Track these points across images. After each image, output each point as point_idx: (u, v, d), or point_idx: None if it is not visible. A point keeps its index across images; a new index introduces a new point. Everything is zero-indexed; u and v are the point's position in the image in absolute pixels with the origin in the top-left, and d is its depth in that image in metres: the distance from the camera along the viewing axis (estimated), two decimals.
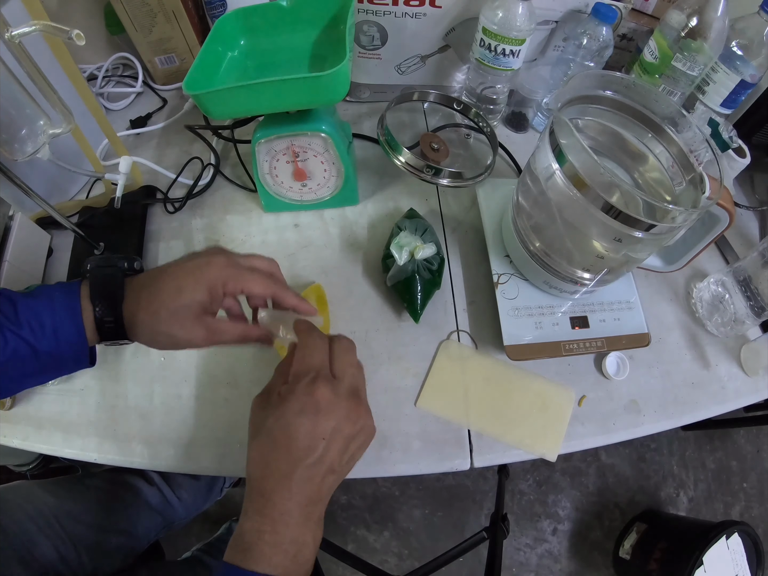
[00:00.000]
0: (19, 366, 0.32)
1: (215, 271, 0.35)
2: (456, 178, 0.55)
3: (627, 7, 0.65)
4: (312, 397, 0.31)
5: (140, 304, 0.34)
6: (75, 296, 0.34)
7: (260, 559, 0.29)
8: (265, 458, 0.31)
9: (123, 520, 0.62)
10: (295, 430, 0.30)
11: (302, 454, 0.30)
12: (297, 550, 0.30)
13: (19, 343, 0.31)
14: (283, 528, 0.29)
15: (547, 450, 0.48)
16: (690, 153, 0.42)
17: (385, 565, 1.10)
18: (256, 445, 0.31)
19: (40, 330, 0.32)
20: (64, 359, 0.34)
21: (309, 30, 0.54)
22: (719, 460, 1.25)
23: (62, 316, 0.32)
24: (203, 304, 0.34)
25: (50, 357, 0.33)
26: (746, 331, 0.54)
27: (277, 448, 0.30)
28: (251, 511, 0.30)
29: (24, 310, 0.32)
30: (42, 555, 0.50)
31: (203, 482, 0.84)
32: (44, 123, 0.43)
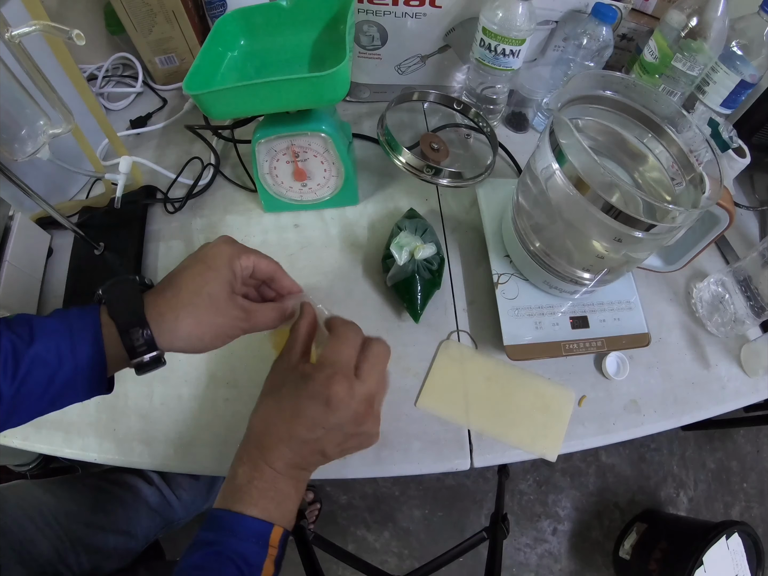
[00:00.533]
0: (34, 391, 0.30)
1: (227, 248, 0.35)
2: (456, 178, 0.55)
3: (627, 7, 0.65)
4: (327, 390, 0.32)
5: (168, 303, 0.32)
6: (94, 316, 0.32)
7: (249, 502, 0.31)
8: (270, 417, 0.33)
9: (122, 519, 0.62)
10: (302, 410, 0.32)
11: (301, 431, 0.32)
12: (281, 499, 0.33)
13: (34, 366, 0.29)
14: (271, 477, 0.32)
15: (548, 450, 0.48)
16: (690, 153, 0.42)
17: (385, 565, 1.10)
18: (266, 403, 0.34)
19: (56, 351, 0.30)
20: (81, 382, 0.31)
21: (309, 30, 0.54)
22: (719, 460, 1.25)
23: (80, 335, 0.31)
24: (231, 283, 0.34)
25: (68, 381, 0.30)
26: (746, 331, 0.54)
27: (281, 414, 0.33)
28: (245, 459, 0.33)
29: (40, 331, 0.30)
30: (40, 554, 0.50)
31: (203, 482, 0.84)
32: (44, 123, 0.43)
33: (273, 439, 0.33)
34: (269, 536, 0.31)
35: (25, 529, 0.51)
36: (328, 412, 0.32)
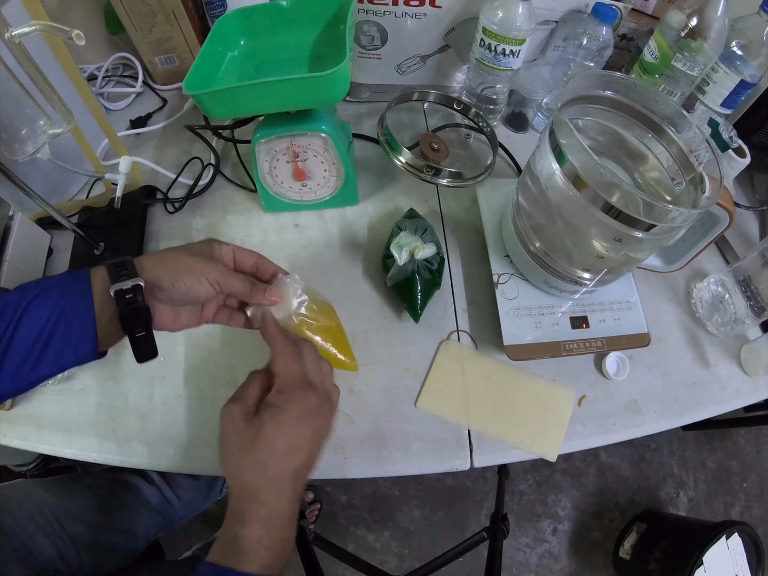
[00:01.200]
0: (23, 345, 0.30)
1: (206, 241, 0.38)
2: (456, 178, 0.55)
3: (627, 7, 0.65)
4: (307, 405, 0.33)
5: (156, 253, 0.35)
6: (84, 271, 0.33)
7: (256, 561, 0.30)
8: (264, 467, 0.32)
9: (122, 519, 0.62)
10: (295, 436, 0.32)
11: (301, 458, 0.32)
12: (284, 549, 0.32)
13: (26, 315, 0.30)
14: (279, 531, 0.32)
15: (547, 450, 0.48)
16: (690, 153, 0.42)
17: (385, 565, 1.10)
18: (253, 456, 0.32)
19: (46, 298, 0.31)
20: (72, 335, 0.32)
21: (309, 30, 0.54)
22: (719, 460, 1.25)
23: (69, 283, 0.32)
24: (210, 254, 0.37)
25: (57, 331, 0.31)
26: (746, 331, 0.54)
27: (275, 455, 0.32)
28: (250, 519, 0.31)
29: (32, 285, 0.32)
30: (41, 553, 0.50)
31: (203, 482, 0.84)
32: (44, 123, 0.43)
33: (275, 486, 0.32)
34: None
35: (25, 528, 0.51)
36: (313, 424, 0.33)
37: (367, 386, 0.50)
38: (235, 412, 0.34)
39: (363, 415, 0.48)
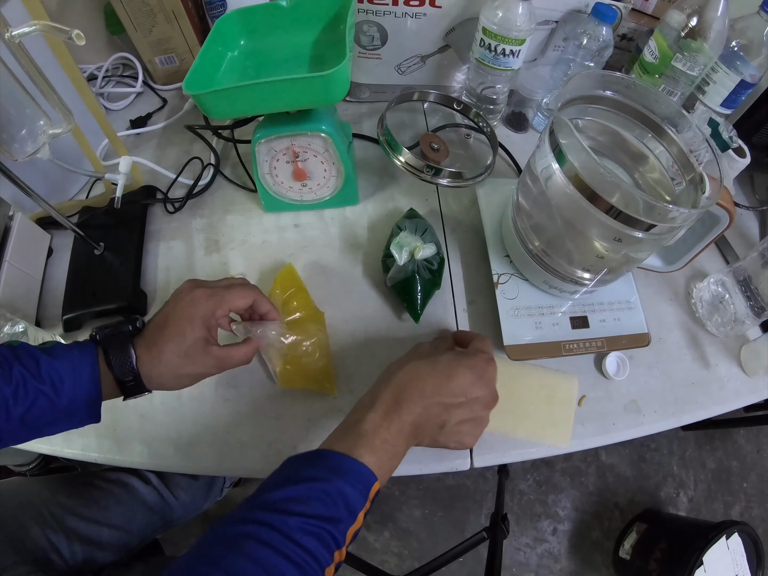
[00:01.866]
0: (36, 417, 0.34)
1: (202, 306, 0.39)
2: (456, 178, 0.55)
3: (627, 7, 0.65)
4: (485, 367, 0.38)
5: (153, 360, 0.37)
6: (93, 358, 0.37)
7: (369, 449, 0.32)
8: (421, 373, 0.37)
9: (116, 515, 0.62)
10: (457, 375, 0.37)
11: (446, 392, 0.36)
12: (393, 455, 0.34)
13: (40, 396, 0.33)
14: (397, 431, 0.34)
15: (559, 439, 0.48)
16: (690, 153, 0.42)
17: (385, 565, 1.10)
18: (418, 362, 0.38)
19: (61, 386, 0.34)
20: (78, 413, 0.36)
21: (309, 30, 0.54)
22: (719, 460, 1.25)
23: (80, 376, 0.35)
24: (205, 338, 0.39)
25: (65, 411, 0.35)
26: (746, 331, 0.54)
27: (433, 374, 0.37)
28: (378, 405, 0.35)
29: (46, 367, 0.34)
30: (32, 542, 0.51)
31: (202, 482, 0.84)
32: (44, 123, 0.43)
33: (415, 393, 0.35)
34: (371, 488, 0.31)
35: (17, 517, 0.52)
36: (478, 383, 0.37)
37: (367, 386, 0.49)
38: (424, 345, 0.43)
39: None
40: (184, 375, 0.39)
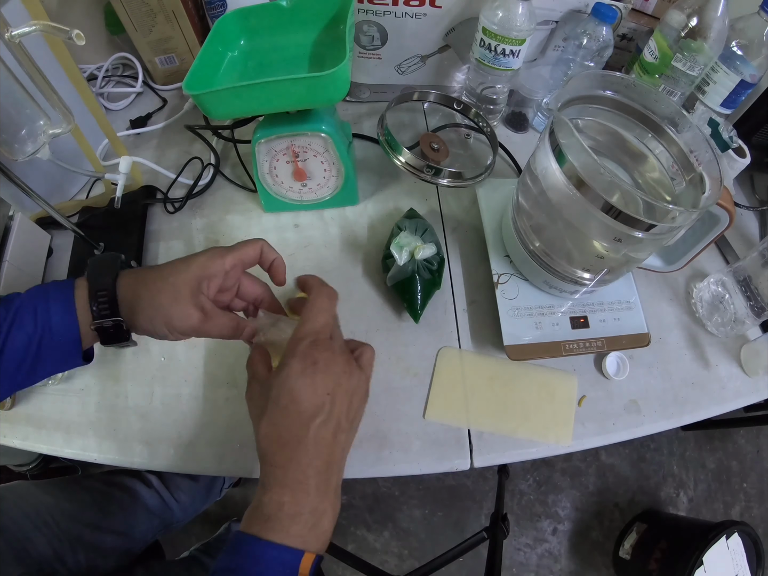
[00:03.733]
0: (15, 357, 0.32)
1: (209, 252, 0.36)
2: (456, 178, 0.55)
3: (627, 7, 0.65)
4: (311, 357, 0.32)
5: (138, 279, 0.34)
6: (69, 284, 0.34)
7: (279, 530, 0.29)
8: (277, 429, 0.31)
9: (119, 521, 0.62)
10: (300, 389, 0.31)
11: (311, 414, 0.31)
12: (316, 520, 0.30)
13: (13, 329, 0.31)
14: (303, 497, 0.30)
15: (560, 437, 0.48)
16: (690, 153, 0.42)
17: (385, 565, 1.10)
18: (265, 421, 0.31)
19: (32, 313, 0.32)
20: (57, 347, 0.33)
21: (309, 30, 0.54)
22: (719, 460, 1.25)
23: (54, 296, 0.33)
24: (199, 280, 0.35)
25: (42, 346, 0.33)
26: (746, 331, 0.54)
27: (286, 414, 0.31)
28: (269, 484, 0.30)
29: (18, 302, 0.33)
30: (37, 552, 0.51)
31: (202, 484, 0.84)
32: (44, 123, 0.43)
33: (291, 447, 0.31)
34: (299, 565, 0.29)
35: (22, 527, 0.51)
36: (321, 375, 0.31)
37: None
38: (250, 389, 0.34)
39: (363, 415, 0.48)
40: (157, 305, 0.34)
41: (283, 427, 0.31)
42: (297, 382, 0.31)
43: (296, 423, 0.31)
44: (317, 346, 0.32)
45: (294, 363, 0.31)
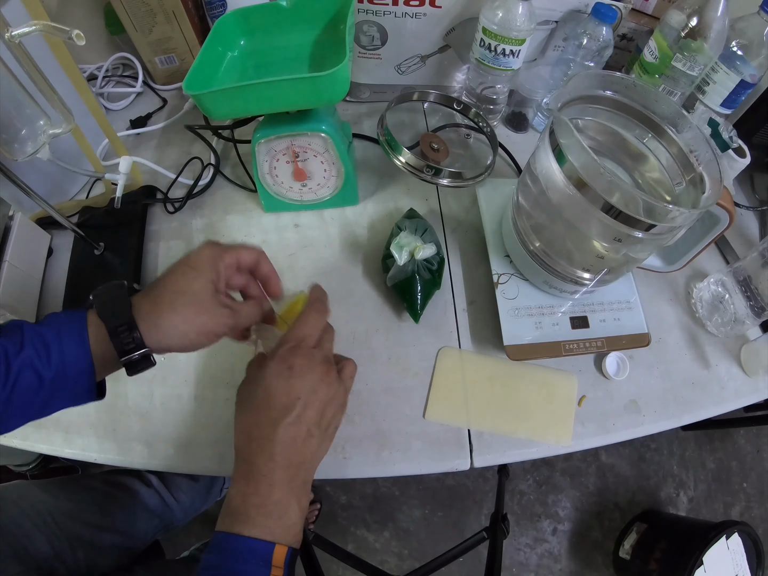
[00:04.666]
0: (24, 396, 0.30)
1: (209, 250, 0.36)
2: (456, 178, 0.55)
3: (627, 7, 0.65)
4: (288, 361, 0.33)
5: (153, 302, 0.33)
6: (81, 317, 0.32)
7: (246, 522, 0.30)
8: (248, 424, 0.33)
9: (119, 520, 0.62)
10: (273, 389, 0.33)
11: (280, 413, 0.32)
12: (281, 512, 0.31)
13: (24, 370, 0.29)
14: (267, 489, 0.31)
15: (560, 437, 0.48)
16: (690, 153, 0.42)
17: (385, 565, 1.10)
18: (240, 414, 0.34)
19: (45, 353, 0.30)
20: (70, 385, 0.32)
21: (309, 30, 0.54)
22: (719, 460, 1.25)
23: (67, 335, 0.31)
24: (214, 282, 0.35)
25: (56, 385, 0.31)
26: (746, 331, 0.54)
27: (257, 411, 0.33)
28: (237, 478, 0.32)
29: (29, 335, 0.31)
30: (37, 550, 0.51)
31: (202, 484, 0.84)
32: (44, 123, 0.43)
33: (257, 443, 0.32)
34: (271, 556, 0.30)
35: (21, 525, 0.51)
36: (296, 379, 0.33)
37: (367, 386, 0.50)
38: (239, 387, 0.36)
39: (363, 415, 0.48)
40: (189, 321, 0.33)
41: (253, 423, 0.33)
42: (271, 382, 0.33)
43: (265, 420, 0.32)
44: (296, 352, 0.34)
45: (272, 364, 0.33)
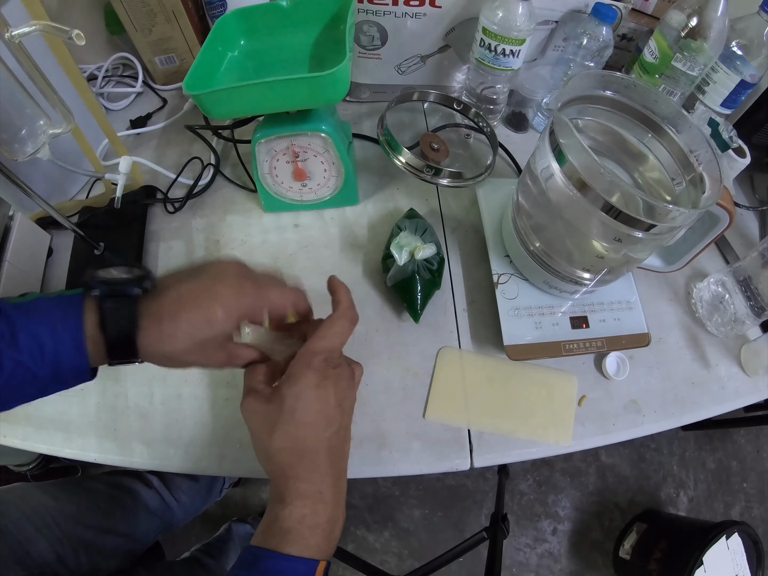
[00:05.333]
0: (17, 388, 0.30)
1: (245, 301, 0.33)
2: (456, 178, 0.55)
3: (627, 7, 0.65)
4: (325, 371, 0.32)
5: (162, 337, 0.31)
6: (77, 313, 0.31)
7: (299, 542, 0.29)
8: (294, 441, 0.31)
9: (121, 522, 0.62)
10: (316, 402, 0.31)
11: (326, 425, 0.32)
12: (331, 529, 0.31)
13: (18, 368, 0.29)
14: (322, 507, 0.31)
15: (560, 437, 0.48)
16: (690, 153, 0.42)
17: (385, 565, 1.10)
18: (279, 434, 0.31)
19: (40, 355, 0.29)
20: (64, 381, 0.32)
21: (309, 30, 0.54)
22: (719, 460, 1.25)
23: (63, 336, 0.30)
24: (225, 334, 0.33)
25: (49, 380, 0.31)
26: (746, 331, 0.54)
27: (302, 426, 0.31)
28: (290, 497, 0.30)
29: (22, 332, 0.29)
30: (39, 555, 0.50)
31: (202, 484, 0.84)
32: (44, 123, 0.43)
33: (308, 459, 0.31)
34: (314, 572, 0.30)
35: (23, 530, 0.51)
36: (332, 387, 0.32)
37: (367, 386, 0.50)
38: (251, 403, 0.33)
39: (363, 415, 0.48)
40: (185, 361, 0.33)
41: (300, 439, 0.31)
42: (312, 395, 0.31)
43: (312, 434, 0.31)
44: (331, 362, 0.33)
45: (310, 376, 0.31)
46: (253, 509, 1.11)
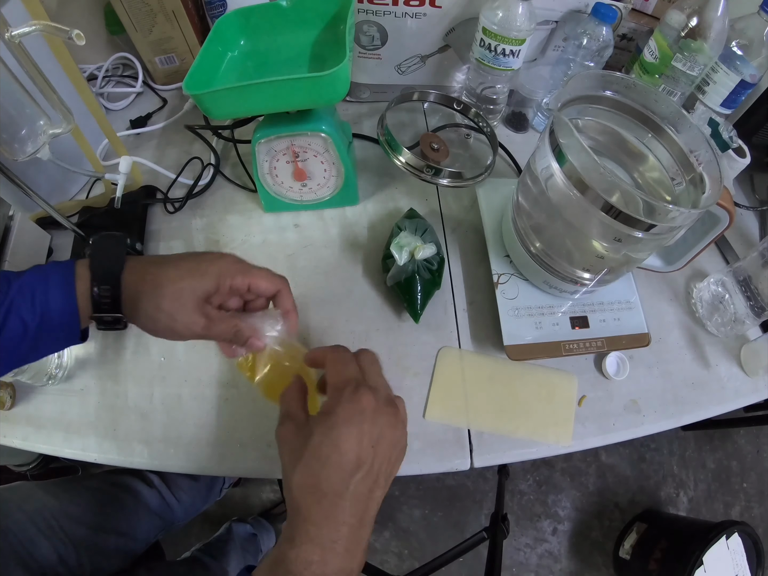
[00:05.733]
0: (10, 343, 0.31)
1: (226, 264, 0.35)
2: (456, 178, 0.55)
3: (627, 7, 0.65)
4: (358, 404, 0.30)
5: (144, 277, 0.33)
6: (69, 269, 0.33)
7: None
8: (315, 480, 0.29)
9: (122, 522, 0.62)
10: (346, 441, 0.29)
11: (353, 467, 0.29)
12: None
13: (10, 316, 0.30)
14: (333, 557, 0.28)
15: (560, 437, 0.48)
16: (690, 153, 0.42)
17: (385, 565, 1.10)
18: (301, 469, 0.29)
19: (31, 302, 0.31)
20: (54, 333, 0.33)
21: (309, 30, 0.54)
22: (719, 460, 1.25)
23: (54, 286, 0.32)
24: (208, 292, 0.34)
25: (40, 332, 0.32)
26: (746, 331, 0.54)
27: (326, 465, 0.28)
28: (299, 540, 0.28)
29: (15, 284, 0.31)
30: (41, 556, 0.50)
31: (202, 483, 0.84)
32: (44, 123, 0.43)
33: (327, 501, 0.28)
34: None
35: (26, 531, 0.51)
36: (368, 425, 0.29)
37: None
38: (283, 431, 0.31)
39: None
40: (164, 312, 0.33)
41: (323, 479, 0.28)
42: (342, 431, 0.29)
43: (337, 476, 0.28)
44: (363, 393, 0.30)
45: (339, 410, 0.29)
46: (253, 509, 1.11)
